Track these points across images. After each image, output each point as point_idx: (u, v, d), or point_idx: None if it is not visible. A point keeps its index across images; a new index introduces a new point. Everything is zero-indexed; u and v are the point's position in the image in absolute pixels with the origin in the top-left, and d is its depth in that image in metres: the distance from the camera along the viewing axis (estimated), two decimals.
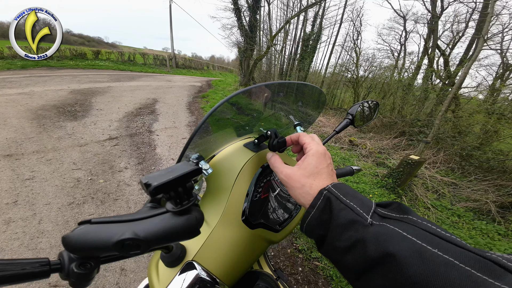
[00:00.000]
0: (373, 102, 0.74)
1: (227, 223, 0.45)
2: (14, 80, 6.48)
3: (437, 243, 0.22)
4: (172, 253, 0.37)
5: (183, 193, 0.26)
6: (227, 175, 0.49)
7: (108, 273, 1.46)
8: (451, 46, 8.01)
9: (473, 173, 3.76)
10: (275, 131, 0.47)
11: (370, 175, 3.57)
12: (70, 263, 0.23)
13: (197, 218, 0.27)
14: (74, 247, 0.22)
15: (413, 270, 0.20)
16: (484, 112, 4.44)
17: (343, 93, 12.82)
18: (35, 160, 2.53)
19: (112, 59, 16.40)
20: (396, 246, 0.22)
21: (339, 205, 0.30)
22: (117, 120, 4.14)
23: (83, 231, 0.23)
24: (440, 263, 0.20)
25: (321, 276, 1.68)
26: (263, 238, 0.49)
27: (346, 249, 0.27)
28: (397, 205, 0.29)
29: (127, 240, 0.22)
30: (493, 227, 2.60)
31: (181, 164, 0.28)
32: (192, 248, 0.41)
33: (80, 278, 0.23)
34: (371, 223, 0.26)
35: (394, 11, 10.36)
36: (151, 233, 0.24)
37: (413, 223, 0.25)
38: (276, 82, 0.51)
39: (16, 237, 1.60)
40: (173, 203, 0.26)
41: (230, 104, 0.44)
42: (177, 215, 0.26)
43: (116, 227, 0.23)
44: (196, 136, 0.40)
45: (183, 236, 0.26)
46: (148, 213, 0.26)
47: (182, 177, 0.25)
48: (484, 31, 3.29)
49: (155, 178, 0.24)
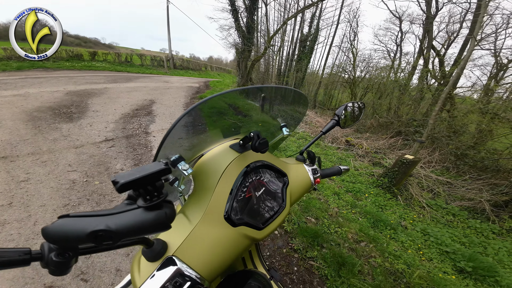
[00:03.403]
0: (360, 103, 0.76)
1: (210, 220, 0.46)
2: (9, 81, 6.42)
3: None
4: (153, 248, 0.39)
5: (152, 191, 0.28)
6: (212, 175, 0.50)
7: (104, 273, 1.46)
8: (446, 46, 8.12)
9: (467, 172, 3.81)
10: (257, 133, 0.49)
11: (366, 175, 3.60)
12: (50, 253, 0.25)
13: (166, 214, 0.29)
14: (52, 237, 0.24)
15: None
16: (478, 112, 4.50)
17: (340, 93, 12.91)
18: (30, 162, 2.51)
19: (109, 60, 16.31)
20: None
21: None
22: (113, 122, 4.13)
23: (61, 223, 0.25)
24: None
25: (316, 275, 1.69)
26: (246, 236, 0.51)
27: None
28: None
29: (100, 231, 0.24)
30: (487, 225, 2.63)
31: (152, 164, 0.29)
32: (174, 243, 0.42)
33: (58, 266, 0.25)
34: None
35: (390, 12, 10.47)
36: (122, 225, 0.26)
37: None
38: (259, 86, 0.54)
39: (11, 239, 1.59)
40: (143, 199, 0.28)
41: (213, 107, 0.46)
42: (148, 210, 0.28)
43: (91, 220, 0.25)
44: (175, 138, 0.42)
45: (153, 230, 0.28)
46: (122, 208, 0.28)
47: (149, 176, 0.27)
48: (475, 32, 3.34)
49: (124, 176, 0.26)
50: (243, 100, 0.56)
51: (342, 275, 1.67)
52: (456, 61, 6.65)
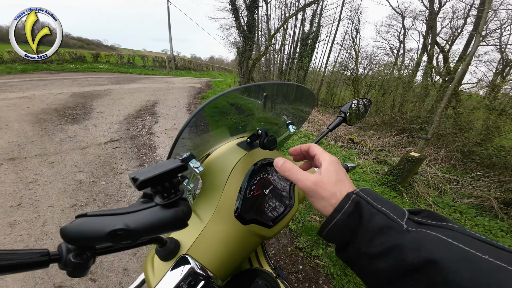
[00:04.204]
0: (366, 100, 0.75)
1: (220, 219, 0.46)
2: (14, 84, 6.52)
3: (486, 249, 0.21)
4: (166, 247, 0.39)
5: (170, 188, 0.28)
6: (220, 173, 0.50)
7: (112, 273, 1.48)
8: (450, 42, 7.99)
9: (474, 170, 3.75)
10: (265, 130, 0.48)
11: (370, 173, 3.57)
12: (68, 253, 0.25)
13: (184, 211, 0.29)
14: (71, 237, 0.24)
15: (461, 277, 0.19)
16: (485, 108, 4.42)
17: (343, 91, 12.81)
18: (37, 163, 2.55)
19: (112, 61, 16.46)
20: (441, 253, 0.22)
21: (370, 209, 0.28)
22: (117, 123, 4.17)
23: (79, 223, 0.24)
24: (493, 270, 0.19)
25: (322, 274, 1.69)
26: (256, 234, 0.51)
27: (377, 254, 0.26)
28: (428, 213, 0.28)
29: (118, 230, 0.24)
30: (495, 223, 2.59)
31: (169, 161, 0.29)
32: (186, 242, 0.42)
33: (77, 268, 0.25)
34: (407, 229, 0.25)
35: (392, 8, 10.33)
36: (140, 224, 0.26)
37: (455, 229, 0.24)
38: (266, 83, 0.53)
39: (21, 239, 1.62)
40: (160, 197, 0.28)
41: (217, 106, 0.46)
42: (165, 208, 0.28)
43: (109, 219, 0.25)
44: (185, 136, 0.42)
45: (171, 228, 0.28)
46: (139, 206, 0.28)
47: (167, 172, 0.27)
48: (480, 27, 3.27)
49: (142, 173, 0.26)
50: (248, 97, 0.55)
51: (348, 274, 1.66)
52: (461, 57, 6.54)
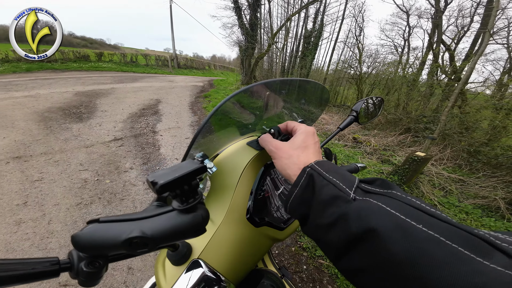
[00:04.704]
0: (378, 99, 0.73)
1: (232, 221, 0.45)
2: (20, 83, 6.59)
3: (421, 218, 0.21)
4: (178, 251, 0.38)
5: (188, 191, 0.26)
6: (231, 174, 0.48)
7: (116, 272, 1.49)
8: (456, 41, 7.86)
9: (481, 170, 3.69)
10: (278, 129, 0.46)
11: (375, 173, 3.54)
12: (79, 262, 0.23)
13: (203, 216, 0.27)
14: (83, 245, 0.22)
15: (397, 246, 0.19)
16: (491, 108, 4.34)
17: (346, 90, 12.70)
18: (43, 162, 2.57)
19: (115, 60, 16.54)
20: (378, 221, 0.21)
21: (321, 181, 0.29)
22: (121, 121, 4.18)
23: (92, 230, 0.23)
24: (424, 239, 0.19)
25: (326, 274, 1.68)
26: (268, 236, 0.50)
27: (328, 226, 0.26)
28: (381, 181, 0.28)
29: (135, 238, 0.22)
30: (502, 224, 2.55)
31: (187, 162, 0.27)
32: (198, 246, 0.41)
33: (89, 277, 0.23)
34: (354, 198, 0.25)
35: (397, 6, 10.20)
36: (158, 231, 0.24)
37: (396, 197, 0.24)
38: (278, 80, 0.50)
39: (26, 238, 1.64)
40: (179, 201, 0.26)
41: (232, 103, 0.44)
42: (183, 213, 0.26)
43: (124, 225, 0.23)
44: (199, 135, 0.41)
45: (190, 234, 0.26)
46: (155, 211, 0.26)
47: (187, 175, 0.25)
48: (489, 26, 3.20)
49: (161, 176, 0.24)
50: (259, 95, 0.53)
51: None
52: (468, 55, 6.43)
